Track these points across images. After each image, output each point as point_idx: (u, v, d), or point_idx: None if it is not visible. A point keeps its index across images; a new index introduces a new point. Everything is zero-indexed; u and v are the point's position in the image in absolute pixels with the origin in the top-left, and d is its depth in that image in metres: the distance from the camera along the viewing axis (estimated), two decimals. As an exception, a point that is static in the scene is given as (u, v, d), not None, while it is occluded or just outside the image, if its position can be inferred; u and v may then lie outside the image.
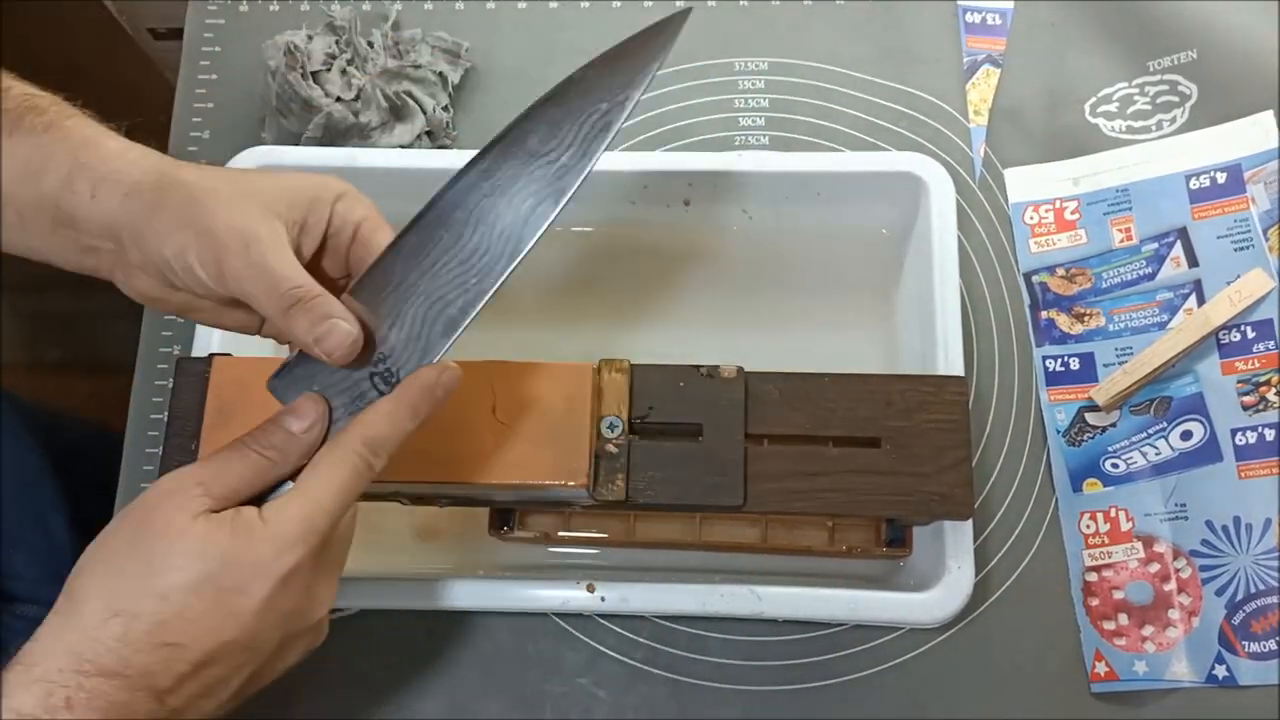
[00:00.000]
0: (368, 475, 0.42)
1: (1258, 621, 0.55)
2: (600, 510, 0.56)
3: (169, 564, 0.38)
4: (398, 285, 0.44)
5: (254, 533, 0.39)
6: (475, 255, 0.44)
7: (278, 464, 0.41)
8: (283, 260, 0.42)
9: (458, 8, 0.71)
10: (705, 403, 0.52)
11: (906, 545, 0.56)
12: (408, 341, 0.43)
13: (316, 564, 0.41)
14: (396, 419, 0.42)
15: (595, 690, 0.57)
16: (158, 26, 0.99)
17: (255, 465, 0.41)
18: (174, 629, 0.38)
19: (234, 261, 0.42)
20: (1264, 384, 0.58)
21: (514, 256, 0.44)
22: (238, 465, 0.41)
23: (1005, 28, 0.68)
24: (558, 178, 0.44)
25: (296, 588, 0.40)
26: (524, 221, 0.44)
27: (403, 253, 0.44)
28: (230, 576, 0.39)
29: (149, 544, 0.39)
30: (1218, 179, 0.62)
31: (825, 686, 0.56)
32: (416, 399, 0.43)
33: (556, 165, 0.44)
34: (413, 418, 0.42)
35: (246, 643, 0.39)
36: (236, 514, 0.40)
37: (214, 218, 0.42)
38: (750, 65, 0.68)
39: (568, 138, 0.44)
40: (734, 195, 0.62)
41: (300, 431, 0.42)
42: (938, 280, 0.57)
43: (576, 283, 0.64)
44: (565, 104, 0.44)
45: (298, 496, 0.40)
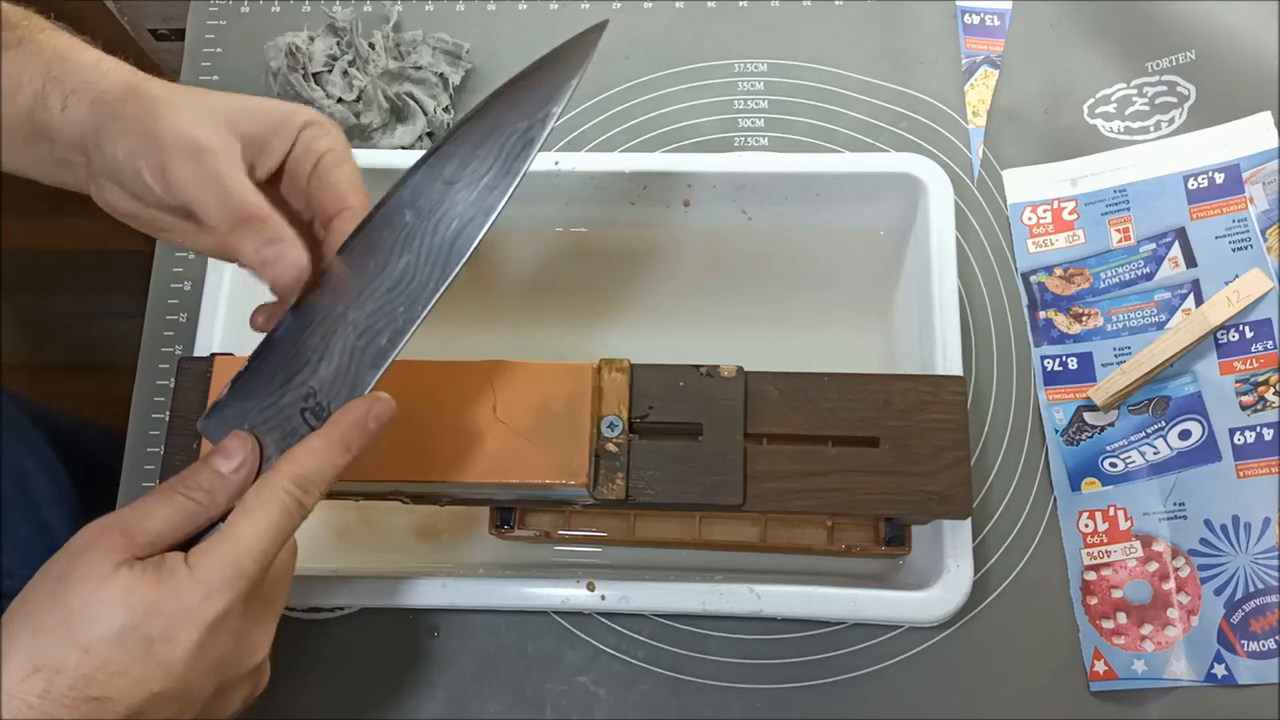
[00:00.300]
0: (299, 514, 0.40)
1: (1257, 620, 0.55)
2: (600, 509, 0.57)
3: (90, 615, 0.37)
4: (325, 316, 0.43)
5: (179, 579, 0.38)
6: (403, 282, 0.43)
7: (205, 506, 0.40)
8: (235, 175, 0.41)
9: (459, 9, 0.71)
10: (705, 402, 0.52)
11: (905, 544, 0.56)
12: (337, 375, 0.42)
13: (247, 608, 0.39)
14: (326, 455, 0.41)
15: (596, 689, 0.57)
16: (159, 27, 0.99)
17: (182, 509, 0.40)
18: (98, 683, 0.36)
19: (181, 169, 0.41)
20: (1262, 384, 0.58)
21: (442, 280, 0.43)
22: (163, 509, 0.39)
23: (1003, 29, 0.68)
24: (482, 198, 0.43)
25: (227, 634, 0.39)
26: (450, 244, 0.43)
27: (330, 283, 0.43)
28: (156, 625, 0.37)
29: (69, 596, 0.37)
30: (1216, 179, 0.62)
31: (825, 685, 0.56)
32: (347, 433, 0.41)
33: (480, 185, 0.43)
34: (344, 452, 0.41)
35: (177, 693, 0.38)
36: (161, 560, 0.38)
37: (166, 125, 0.41)
38: (750, 66, 0.69)
39: (490, 157, 0.43)
40: (734, 196, 0.62)
41: (228, 472, 0.40)
42: (936, 280, 0.57)
43: (576, 283, 0.64)
44: (486, 123, 0.44)
45: (225, 539, 0.39)
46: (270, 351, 0.43)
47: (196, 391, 0.53)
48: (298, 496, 0.40)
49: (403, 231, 0.43)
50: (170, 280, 0.65)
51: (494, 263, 0.65)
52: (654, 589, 0.55)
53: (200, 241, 0.46)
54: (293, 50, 0.64)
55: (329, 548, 0.60)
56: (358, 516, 0.61)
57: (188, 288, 0.65)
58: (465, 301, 0.64)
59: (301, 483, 0.40)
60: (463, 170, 0.43)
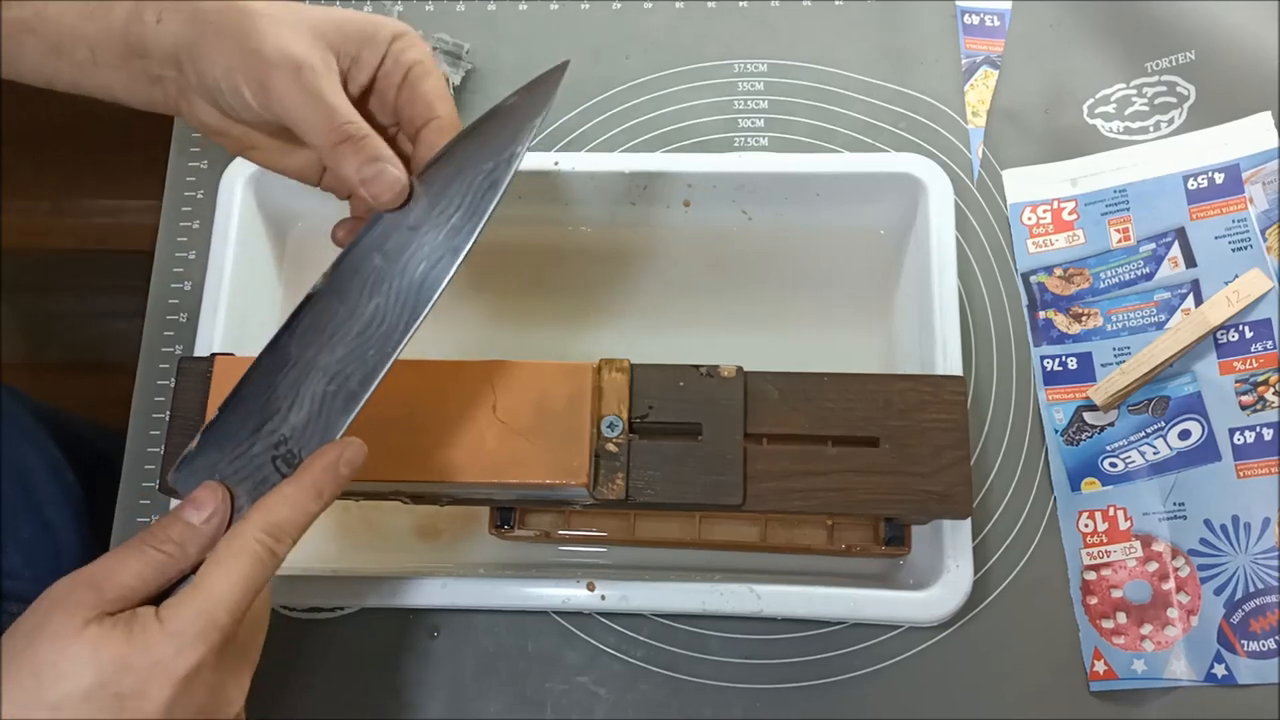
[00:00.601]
0: (271, 563, 0.40)
1: (1256, 620, 0.55)
2: (600, 509, 0.57)
3: (59, 673, 0.36)
4: (295, 362, 0.42)
5: (149, 633, 0.37)
6: (372, 324, 0.42)
7: (176, 559, 0.39)
8: (334, 91, 0.42)
9: (459, 9, 0.71)
10: (705, 402, 0.52)
11: (905, 544, 0.56)
12: (308, 421, 0.42)
13: (220, 660, 0.39)
14: (298, 502, 0.40)
15: (596, 689, 0.57)
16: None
17: (152, 562, 0.39)
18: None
19: (281, 85, 0.41)
20: (1262, 383, 0.58)
21: (411, 322, 0.42)
22: (133, 563, 0.39)
23: (1003, 29, 0.68)
24: (450, 238, 0.43)
25: (201, 688, 0.38)
26: (419, 286, 0.43)
27: (298, 328, 0.43)
28: (126, 681, 0.36)
29: (38, 653, 0.36)
30: (1216, 179, 0.62)
31: (824, 685, 0.56)
32: (319, 479, 0.41)
33: (447, 227, 0.43)
34: (316, 499, 0.41)
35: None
36: (132, 615, 0.38)
37: (264, 39, 0.41)
38: (749, 66, 0.69)
39: (456, 198, 0.43)
40: (734, 196, 0.62)
41: (199, 523, 0.40)
42: (936, 280, 0.57)
43: (577, 283, 0.64)
44: (452, 165, 0.44)
45: (196, 592, 0.38)
46: (239, 401, 0.43)
47: (196, 391, 0.53)
48: (270, 545, 0.39)
49: (371, 275, 0.43)
50: (170, 280, 0.65)
51: (494, 263, 0.65)
52: (654, 589, 0.55)
53: (285, 162, 0.46)
54: (293, 50, 0.64)
55: (329, 548, 0.60)
56: (358, 516, 0.61)
57: (188, 288, 0.65)
58: (465, 301, 0.64)
59: (274, 531, 0.40)
60: (430, 212, 0.43)
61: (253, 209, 0.62)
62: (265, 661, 0.58)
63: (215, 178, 0.62)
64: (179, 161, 0.68)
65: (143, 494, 0.61)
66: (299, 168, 0.47)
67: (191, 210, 0.66)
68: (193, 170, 0.67)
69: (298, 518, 0.40)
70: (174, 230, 0.66)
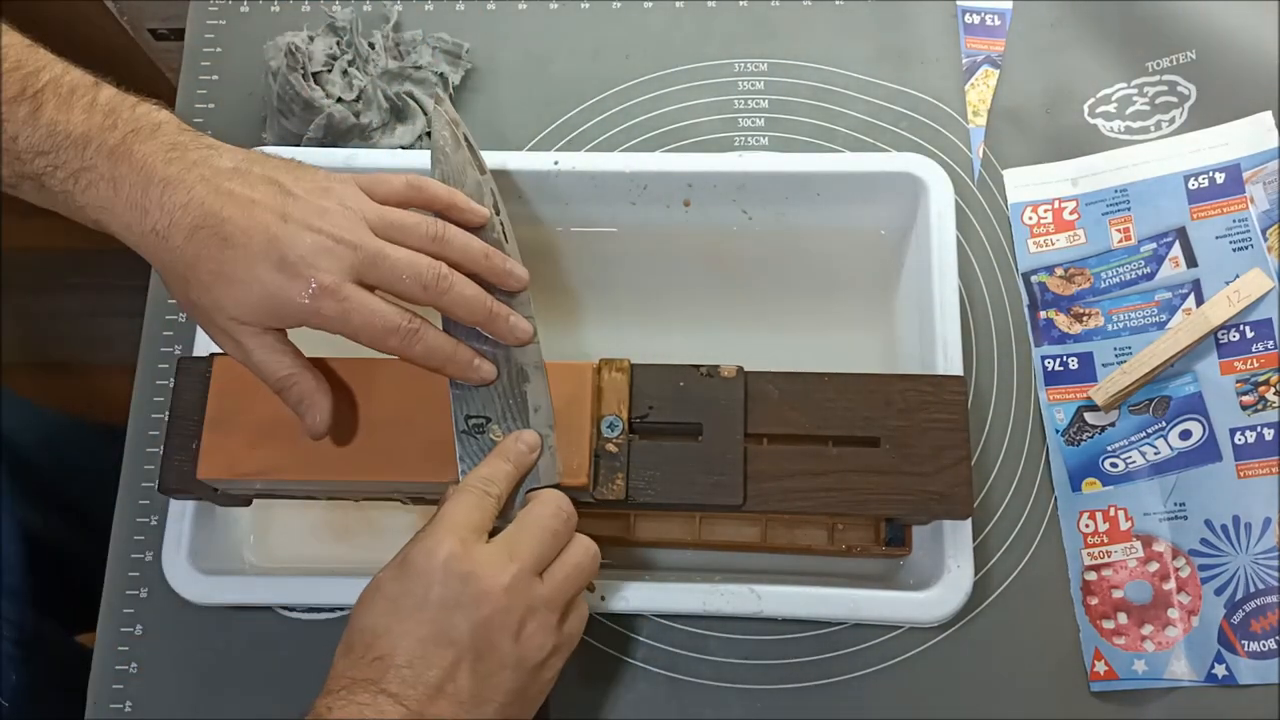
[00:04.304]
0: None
1: (1257, 620, 0.55)
2: (600, 509, 0.56)
3: None
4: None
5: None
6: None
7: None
8: (265, 358, 0.48)
9: (458, 9, 0.71)
10: (705, 402, 0.52)
11: (906, 544, 0.56)
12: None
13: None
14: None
15: (596, 689, 0.57)
16: (158, 27, 0.99)
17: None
18: None
19: (227, 346, 0.48)
20: (1263, 383, 0.58)
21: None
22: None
23: (1004, 28, 0.68)
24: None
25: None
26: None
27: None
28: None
29: None
30: (1216, 179, 0.62)
31: (825, 685, 0.56)
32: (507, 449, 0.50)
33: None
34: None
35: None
36: None
37: (218, 313, 0.47)
38: (750, 66, 0.69)
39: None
40: (734, 195, 0.62)
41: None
42: (937, 280, 0.57)
43: (577, 283, 0.64)
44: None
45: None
46: None
47: (196, 391, 0.53)
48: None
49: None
50: (170, 280, 0.65)
51: (494, 263, 0.65)
52: (654, 589, 0.54)
53: None
54: (292, 50, 0.64)
55: (329, 548, 0.60)
56: (358, 516, 0.61)
57: (187, 288, 0.65)
58: (465, 301, 0.64)
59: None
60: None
61: (252, 209, 0.62)
62: (265, 661, 0.58)
63: (215, 177, 0.62)
64: (179, 161, 0.68)
65: (143, 494, 0.61)
66: None
67: (191, 210, 0.66)
68: (192, 170, 0.67)
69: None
70: (174, 230, 0.66)
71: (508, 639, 0.45)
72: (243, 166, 0.47)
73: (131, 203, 0.46)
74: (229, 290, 0.46)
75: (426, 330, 0.48)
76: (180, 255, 0.46)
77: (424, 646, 0.44)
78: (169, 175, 0.46)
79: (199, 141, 0.48)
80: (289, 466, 0.51)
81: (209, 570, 0.56)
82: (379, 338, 0.47)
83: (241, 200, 0.46)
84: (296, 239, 0.45)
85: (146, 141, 0.46)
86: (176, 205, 0.45)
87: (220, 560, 0.58)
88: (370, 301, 0.47)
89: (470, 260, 0.50)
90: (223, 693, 0.58)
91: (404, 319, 0.47)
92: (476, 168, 0.55)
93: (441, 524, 0.46)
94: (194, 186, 0.46)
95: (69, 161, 0.46)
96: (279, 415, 0.50)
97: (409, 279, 0.47)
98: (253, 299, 0.46)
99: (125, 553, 0.60)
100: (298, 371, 0.48)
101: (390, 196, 0.50)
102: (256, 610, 0.59)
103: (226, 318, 0.47)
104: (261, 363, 0.48)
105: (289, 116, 0.65)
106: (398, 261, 0.47)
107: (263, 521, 0.60)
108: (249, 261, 0.45)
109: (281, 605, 0.58)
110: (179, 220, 0.45)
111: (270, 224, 0.46)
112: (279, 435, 0.51)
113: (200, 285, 0.46)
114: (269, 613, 0.59)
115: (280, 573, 0.59)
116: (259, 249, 0.45)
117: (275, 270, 0.45)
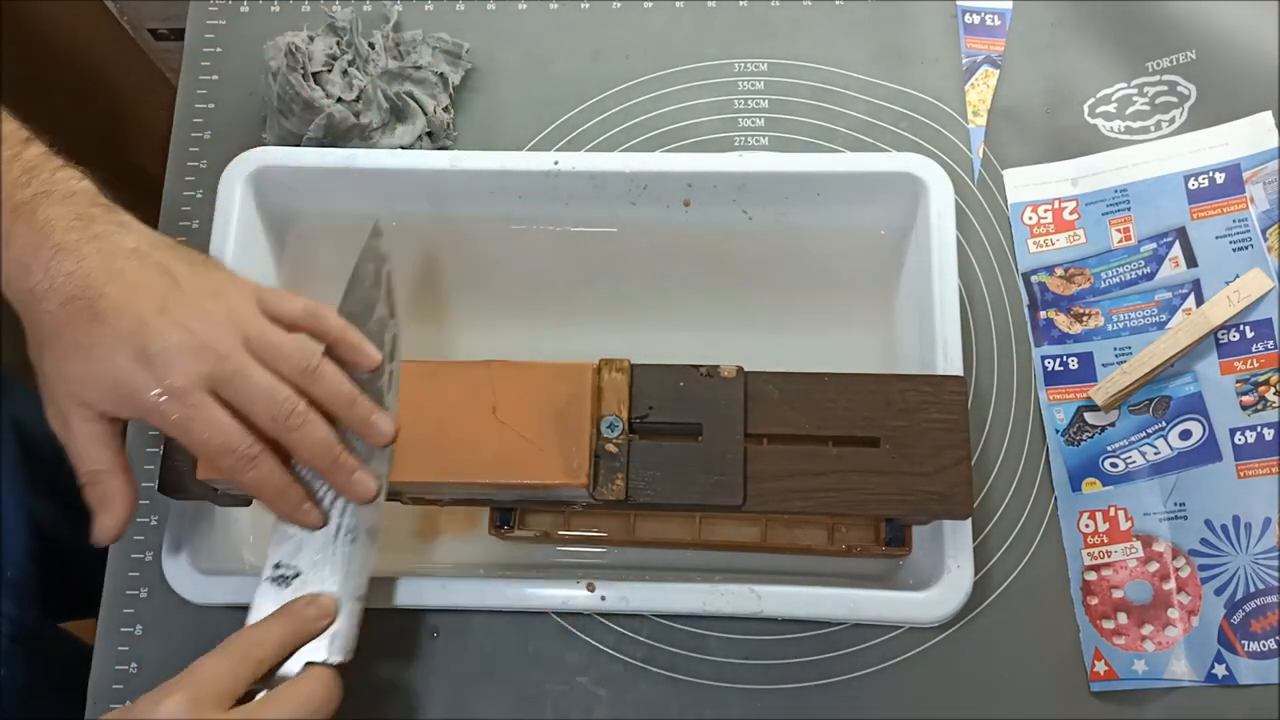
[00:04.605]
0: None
1: (1257, 621, 0.55)
2: (600, 510, 0.56)
3: None
4: None
5: None
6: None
7: None
8: (86, 447, 0.47)
9: (459, 9, 0.71)
10: (705, 402, 0.52)
11: (906, 544, 0.56)
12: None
13: None
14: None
15: (595, 689, 0.57)
16: (158, 27, 0.99)
17: None
18: None
19: (55, 427, 0.48)
20: (1263, 383, 0.58)
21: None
22: None
23: (1004, 28, 0.68)
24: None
25: None
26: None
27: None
28: None
29: None
30: (1216, 179, 0.62)
31: (825, 685, 0.56)
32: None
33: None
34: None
35: None
36: None
37: (51, 398, 0.48)
38: (750, 65, 0.69)
39: None
40: (734, 195, 0.62)
41: None
42: (937, 280, 0.57)
43: (576, 283, 0.64)
44: None
45: None
46: None
47: (196, 392, 0.53)
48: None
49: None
50: (170, 280, 0.65)
51: (493, 262, 0.65)
52: (654, 589, 0.54)
53: None
54: (292, 50, 0.64)
55: (329, 548, 0.60)
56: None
57: (187, 288, 0.65)
58: (465, 302, 0.64)
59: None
60: None
61: (252, 209, 0.62)
62: (265, 662, 0.58)
63: (214, 177, 0.62)
64: (178, 161, 0.68)
65: (142, 494, 0.61)
66: None
67: (191, 210, 0.66)
68: (192, 170, 0.67)
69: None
70: (173, 230, 0.66)
71: None
72: (143, 249, 0.47)
73: (18, 260, 0.46)
74: (83, 365, 0.45)
75: (264, 460, 0.47)
76: (49, 320, 0.46)
77: None
78: (65, 242, 0.46)
79: (110, 217, 0.48)
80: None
81: (209, 570, 0.56)
82: (213, 455, 0.47)
83: (127, 282, 0.46)
84: (165, 333, 0.45)
85: (55, 205, 0.46)
86: (62, 271, 0.45)
87: (220, 560, 0.58)
88: (216, 415, 0.46)
89: (335, 402, 0.49)
90: (223, 693, 0.58)
91: (244, 443, 0.46)
92: (389, 308, 0.53)
93: (184, 678, 0.44)
94: (87, 257, 0.46)
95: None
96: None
97: (262, 405, 0.46)
98: (103, 381, 0.45)
99: (125, 553, 0.60)
100: (109, 470, 0.48)
101: (284, 316, 0.49)
102: (256, 610, 0.59)
103: (67, 393, 0.46)
104: (80, 450, 0.47)
105: (289, 116, 0.65)
106: (256, 384, 0.46)
107: (263, 521, 0.60)
108: (112, 342, 0.45)
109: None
110: (59, 286, 0.45)
111: (145, 312, 0.45)
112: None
113: (56, 354, 0.46)
114: (269, 613, 0.59)
115: (280, 573, 0.59)
116: (125, 332, 0.45)
117: (132, 359, 0.45)
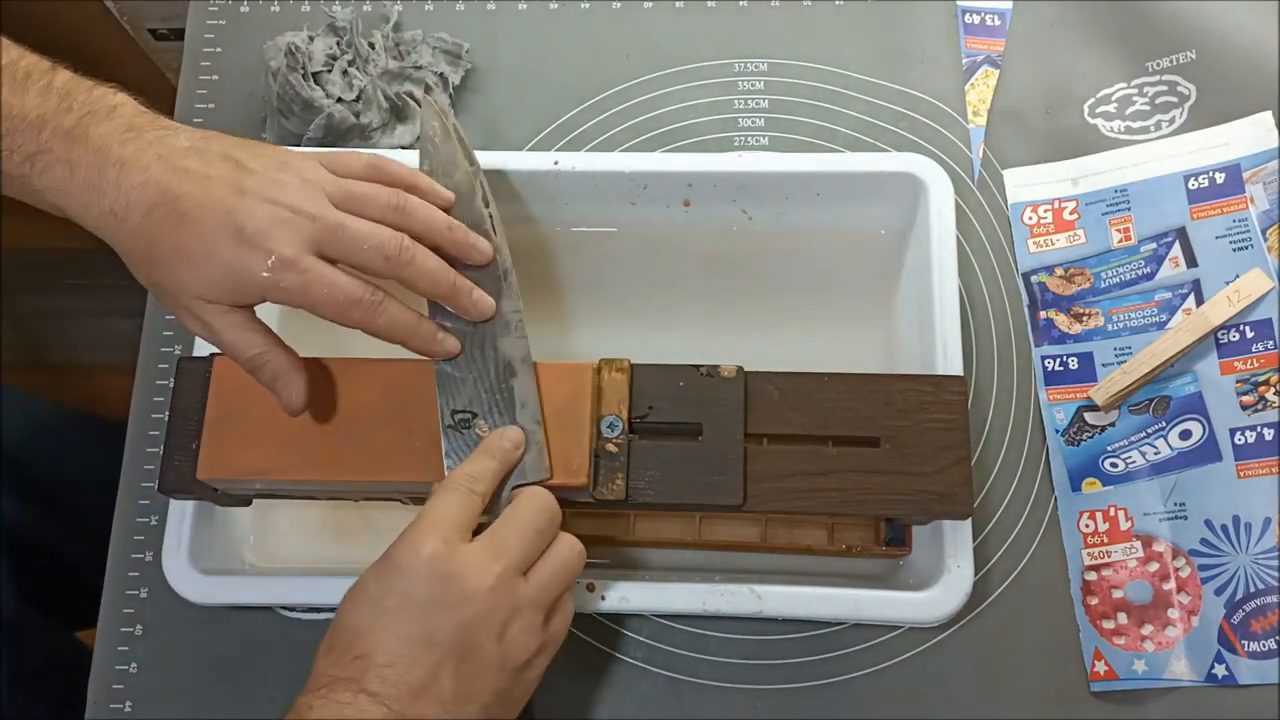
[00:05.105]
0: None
1: (1257, 621, 0.55)
2: (600, 509, 0.56)
3: None
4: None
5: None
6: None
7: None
8: (233, 336, 0.48)
9: (458, 9, 0.71)
10: (705, 402, 0.52)
11: (906, 544, 0.56)
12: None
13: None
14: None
15: (595, 689, 0.57)
16: (159, 27, 0.99)
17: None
18: None
19: (194, 326, 0.48)
20: (1263, 383, 0.58)
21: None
22: None
23: (1004, 28, 0.68)
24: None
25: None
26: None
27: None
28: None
29: None
30: (1216, 179, 0.62)
31: (825, 685, 0.56)
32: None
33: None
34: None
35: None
36: None
37: (182, 289, 0.47)
38: (750, 66, 0.69)
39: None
40: (734, 195, 0.62)
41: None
42: (937, 280, 0.57)
43: (576, 283, 0.64)
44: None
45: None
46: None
47: (196, 391, 0.53)
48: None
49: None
50: (170, 280, 0.65)
51: (494, 263, 0.65)
52: (654, 589, 0.54)
53: None
54: (292, 50, 0.64)
55: (329, 548, 0.60)
56: (358, 516, 0.61)
57: (187, 288, 0.65)
58: (465, 301, 0.64)
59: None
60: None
61: (252, 209, 0.62)
62: (265, 661, 0.58)
63: (215, 177, 0.62)
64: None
65: (142, 494, 0.61)
66: None
67: (191, 210, 0.66)
68: (192, 170, 0.67)
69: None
70: (174, 230, 0.66)
71: (491, 640, 0.44)
72: (199, 145, 0.47)
73: (88, 185, 0.46)
74: (190, 267, 0.45)
75: (389, 303, 0.48)
76: (139, 235, 0.46)
77: (407, 646, 0.44)
78: (125, 156, 0.45)
79: (155, 123, 0.48)
80: (289, 466, 0.51)
81: (209, 570, 0.56)
82: (340, 310, 0.47)
83: (197, 177, 0.46)
84: (253, 211, 0.45)
85: (102, 124, 0.46)
86: (133, 185, 0.45)
87: (220, 560, 0.58)
88: (331, 274, 0.46)
89: (433, 232, 0.49)
90: (223, 693, 0.58)
91: (366, 291, 0.47)
92: (466, 159, 0.54)
93: (425, 522, 0.46)
94: (150, 166, 0.45)
95: (24, 145, 0.46)
96: (279, 415, 0.50)
97: (370, 250, 0.47)
98: (214, 275, 0.45)
99: (125, 553, 0.60)
100: (268, 349, 0.48)
101: (351, 172, 0.50)
102: (256, 610, 0.59)
103: (191, 296, 0.46)
104: (231, 342, 0.47)
105: (289, 116, 0.65)
106: (358, 232, 0.47)
107: (263, 521, 0.61)
108: (207, 237, 0.45)
109: (281, 605, 0.58)
110: (135, 200, 0.45)
111: (226, 198, 0.45)
112: (279, 435, 0.51)
113: (162, 264, 0.46)
114: (269, 613, 0.59)
115: (280, 573, 0.59)
116: (216, 223, 0.45)
117: (234, 244, 0.45)
